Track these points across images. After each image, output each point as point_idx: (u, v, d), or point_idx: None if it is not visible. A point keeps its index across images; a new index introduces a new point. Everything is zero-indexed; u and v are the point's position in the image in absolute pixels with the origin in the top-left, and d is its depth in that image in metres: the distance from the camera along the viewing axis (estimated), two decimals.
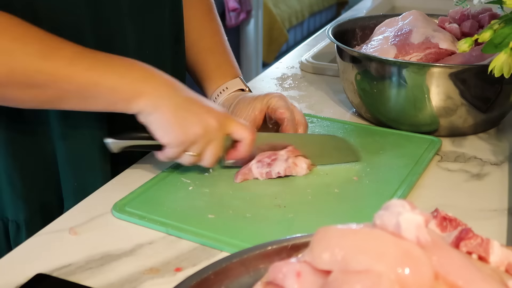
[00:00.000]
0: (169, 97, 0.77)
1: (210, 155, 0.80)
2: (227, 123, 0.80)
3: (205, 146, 0.79)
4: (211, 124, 0.78)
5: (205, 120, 0.78)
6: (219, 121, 0.79)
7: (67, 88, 0.73)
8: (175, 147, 0.78)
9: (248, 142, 0.82)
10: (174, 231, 0.73)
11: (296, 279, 0.43)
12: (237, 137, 0.81)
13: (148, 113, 0.76)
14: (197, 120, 0.77)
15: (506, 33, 0.81)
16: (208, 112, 0.78)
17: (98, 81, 0.74)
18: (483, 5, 0.91)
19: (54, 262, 0.68)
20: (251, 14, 3.60)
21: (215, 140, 0.79)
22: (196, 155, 0.79)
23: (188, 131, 0.77)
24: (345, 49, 1.02)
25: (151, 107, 0.76)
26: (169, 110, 0.76)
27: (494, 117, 1.01)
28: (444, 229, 0.51)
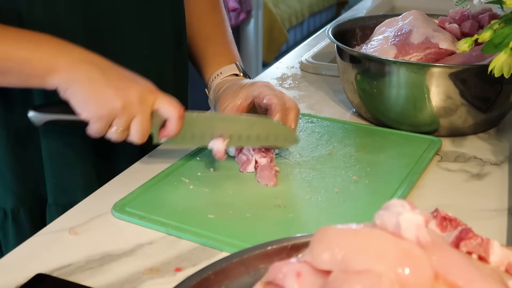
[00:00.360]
0: (85, 71, 0.75)
1: (136, 130, 0.77)
2: (151, 97, 0.77)
3: (129, 120, 0.76)
4: (131, 98, 0.75)
5: (125, 93, 0.75)
6: (140, 94, 0.76)
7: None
8: (96, 121, 0.76)
9: (175, 119, 0.78)
10: (174, 231, 0.73)
11: (296, 279, 0.43)
12: (164, 114, 0.78)
13: (65, 88, 0.74)
14: (114, 94, 0.75)
15: (506, 33, 0.81)
16: (128, 86, 0.76)
17: (8, 55, 0.73)
18: (483, 5, 0.91)
19: (54, 262, 0.68)
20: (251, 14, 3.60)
21: (139, 114, 0.76)
22: (122, 130, 0.77)
23: (106, 105, 0.75)
24: (345, 49, 1.02)
25: (67, 82, 0.74)
26: (84, 84, 0.74)
27: (494, 117, 1.01)
28: (444, 229, 0.51)
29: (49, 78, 0.74)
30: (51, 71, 0.74)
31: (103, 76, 0.75)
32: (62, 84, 0.74)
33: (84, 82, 0.74)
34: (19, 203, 0.90)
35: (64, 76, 0.74)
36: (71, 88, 0.74)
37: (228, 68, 0.98)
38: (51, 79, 0.74)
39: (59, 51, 0.75)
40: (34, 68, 0.74)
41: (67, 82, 0.74)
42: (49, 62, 0.74)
